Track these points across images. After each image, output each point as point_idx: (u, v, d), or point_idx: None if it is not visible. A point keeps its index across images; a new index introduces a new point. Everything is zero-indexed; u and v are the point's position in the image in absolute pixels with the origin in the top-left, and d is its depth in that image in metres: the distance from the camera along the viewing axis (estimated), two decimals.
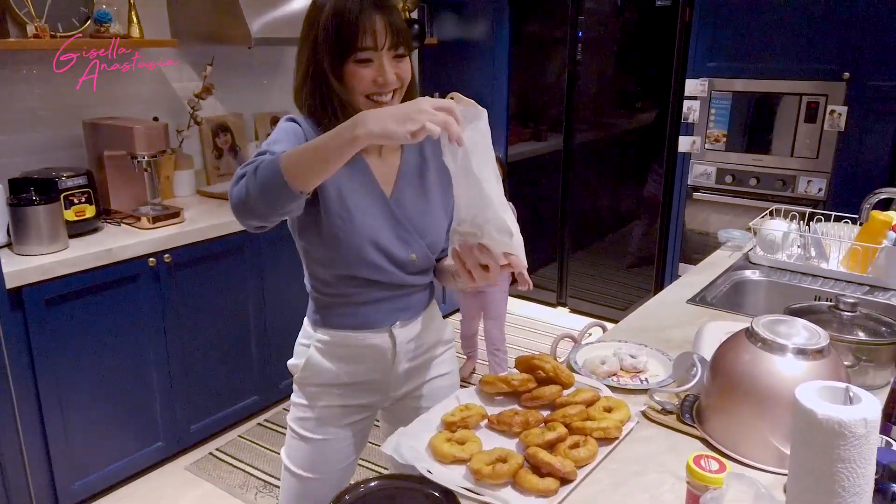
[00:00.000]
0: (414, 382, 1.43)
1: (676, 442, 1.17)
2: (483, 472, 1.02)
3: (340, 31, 1.16)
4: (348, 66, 1.18)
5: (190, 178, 2.95)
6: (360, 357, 1.34)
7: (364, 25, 1.15)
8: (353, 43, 1.15)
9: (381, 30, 1.16)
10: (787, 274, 2.02)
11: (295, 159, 1.02)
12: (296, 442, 1.39)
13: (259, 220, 1.11)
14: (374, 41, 1.16)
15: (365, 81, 1.18)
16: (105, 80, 2.69)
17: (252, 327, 2.77)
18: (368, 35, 1.15)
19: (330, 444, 1.38)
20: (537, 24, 3.86)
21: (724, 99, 3.28)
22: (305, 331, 1.39)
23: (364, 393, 1.38)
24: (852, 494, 0.70)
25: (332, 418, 1.37)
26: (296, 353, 1.40)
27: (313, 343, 1.35)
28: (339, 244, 1.23)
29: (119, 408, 2.36)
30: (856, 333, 1.40)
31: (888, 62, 2.86)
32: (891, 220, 1.93)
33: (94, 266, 2.19)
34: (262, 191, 1.04)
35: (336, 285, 1.29)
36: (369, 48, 1.16)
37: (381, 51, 1.17)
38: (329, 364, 1.34)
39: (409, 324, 1.35)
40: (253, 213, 1.09)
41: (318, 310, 1.34)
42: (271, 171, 1.03)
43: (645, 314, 1.74)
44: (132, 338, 2.35)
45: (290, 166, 1.01)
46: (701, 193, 3.46)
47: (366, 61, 1.17)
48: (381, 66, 1.17)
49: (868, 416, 0.69)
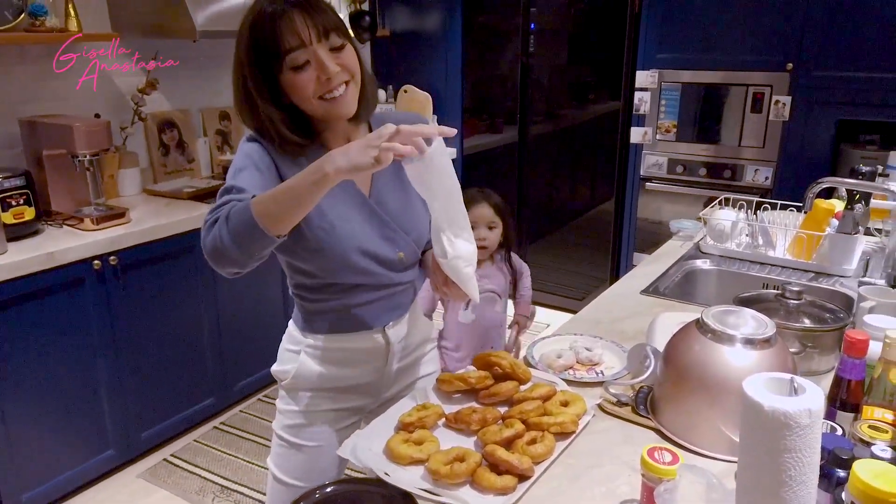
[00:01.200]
0: (403, 383, 1.42)
1: (632, 434, 1.18)
2: (441, 473, 1.02)
3: (263, 46, 1.09)
4: (285, 77, 1.11)
5: (135, 176, 2.86)
6: (355, 360, 1.31)
7: (282, 27, 1.08)
8: (278, 49, 1.08)
9: (302, 23, 1.08)
10: (737, 262, 2.06)
11: (267, 204, 0.99)
12: (285, 450, 1.35)
13: (236, 267, 1.07)
14: (299, 38, 1.08)
15: (309, 85, 1.11)
16: (43, 75, 2.58)
17: (205, 328, 2.71)
18: (290, 34, 1.08)
19: (323, 450, 1.34)
20: (490, 15, 3.86)
21: (673, 90, 3.33)
22: (292, 336, 1.33)
23: (357, 396, 1.35)
24: (798, 483, 0.71)
25: (325, 423, 1.33)
26: (282, 359, 1.35)
27: (304, 348, 1.30)
28: (325, 256, 1.19)
29: (66, 416, 2.28)
30: (802, 321, 1.43)
31: (829, 53, 2.94)
32: (833, 208, 1.99)
33: (36, 271, 2.10)
34: (237, 239, 1.01)
35: (323, 291, 1.25)
36: (296, 47, 1.08)
37: (312, 46, 1.09)
38: (322, 368, 1.30)
39: (399, 322, 1.33)
40: (230, 261, 1.05)
41: (307, 316, 1.30)
42: (245, 219, 0.99)
43: (599, 306, 1.76)
44: (78, 343, 2.27)
45: (263, 212, 0.98)
46: (653, 184, 3.52)
47: (302, 66, 1.10)
48: (318, 61, 1.10)
49: (812, 406, 0.71)
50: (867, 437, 0.95)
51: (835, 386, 1.11)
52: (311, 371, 1.30)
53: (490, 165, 4.11)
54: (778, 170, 3.18)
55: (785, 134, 3.12)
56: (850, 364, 1.08)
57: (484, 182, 4.09)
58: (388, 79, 4.02)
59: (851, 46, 2.89)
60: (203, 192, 2.84)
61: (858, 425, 0.98)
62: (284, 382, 1.33)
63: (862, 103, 2.93)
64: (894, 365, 1.03)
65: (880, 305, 1.38)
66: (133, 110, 2.80)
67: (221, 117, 3.31)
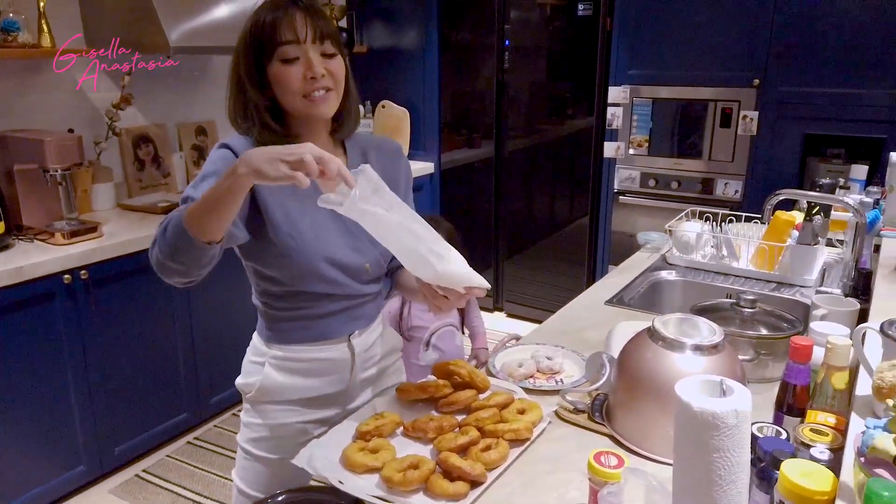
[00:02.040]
0: (370, 393, 1.41)
1: (587, 440, 1.20)
2: (394, 480, 1.03)
3: (260, 34, 1.15)
4: (273, 67, 1.15)
5: (109, 191, 2.86)
6: (320, 370, 1.30)
7: (283, 21, 1.14)
8: (274, 39, 1.14)
9: (302, 22, 1.14)
10: (702, 273, 2.10)
11: (194, 213, 1.00)
12: (250, 463, 1.34)
13: (183, 277, 1.08)
14: (295, 34, 1.14)
15: (294, 80, 1.15)
16: (17, 90, 2.58)
17: (179, 343, 2.70)
18: (288, 29, 1.14)
19: (286, 463, 1.31)
20: (466, 32, 3.91)
21: (644, 105, 3.39)
22: (256, 348, 1.34)
23: (322, 408, 1.34)
24: (728, 482, 0.73)
25: (290, 437, 1.32)
26: (245, 372, 1.35)
27: (268, 360, 1.30)
28: (292, 263, 1.21)
29: (36, 432, 2.26)
30: (758, 329, 1.47)
31: (795, 69, 3.01)
32: (794, 220, 2.04)
33: (4, 285, 2.10)
34: (173, 251, 1.03)
35: (289, 300, 1.26)
36: (291, 41, 1.14)
37: (305, 44, 1.14)
38: (286, 380, 1.29)
39: (364, 332, 1.34)
40: (175, 273, 1.07)
41: (271, 325, 1.30)
42: (177, 230, 1.01)
43: (564, 316, 1.79)
44: (49, 358, 2.26)
45: (191, 221, 1.00)
46: (626, 197, 3.57)
47: (291, 60, 1.14)
48: (307, 60, 1.14)
49: (739, 407, 0.73)
50: (808, 439, 0.98)
51: (781, 391, 1.13)
52: (275, 382, 1.29)
53: (467, 180, 4.15)
54: (747, 183, 3.24)
55: (753, 148, 3.18)
56: (795, 369, 1.11)
57: (462, 196, 4.14)
58: (365, 94, 4.06)
59: (816, 63, 2.96)
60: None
61: (801, 429, 1.00)
62: (249, 395, 1.32)
63: (827, 118, 3.00)
64: (836, 370, 1.06)
65: (832, 313, 1.41)
66: (107, 125, 2.81)
67: (198, 132, 3.33)
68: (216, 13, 2.84)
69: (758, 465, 0.94)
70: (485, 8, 3.77)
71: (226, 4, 2.88)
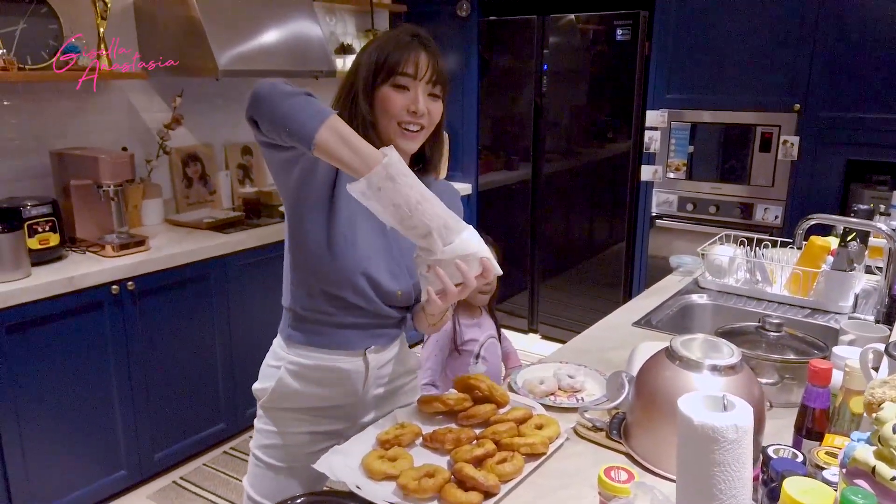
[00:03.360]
0: (381, 410, 1.43)
1: (603, 457, 1.21)
2: (410, 487, 1.06)
3: (384, 58, 1.22)
4: (382, 89, 1.22)
5: (158, 206, 2.99)
6: (333, 381, 1.33)
7: (408, 55, 1.21)
8: (395, 67, 1.21)
9: (424, 62, 1.22)
10: (734, 298, 2.08)
11: (333, 138, 1.03)
12: (261, 471, 1.38)
13: (261, 118, 1.10)
14: (415, 70, 1.21)
15: (397, 106, 1.22)
16: (76, 111, 2.74)
17: (218, 354, 2.79)
18: (411, 63, 1.21)
19: (298, 472, 1.36)
20: (505, 57, 3.98)
21: (682, 129, 3.38)
22: (275, 352, 1.37)
23: (333, 419, 1.37)
24: (729, 497, 0.74)
25: (300, 446, 1.35)
26: (262, 377, 1.38)
27: (284, 365, 1.33)
28: (334, 262, 1.24)
29: (81, 436, 2.37)
30: (786, 353, 1.45)
31: (836, 94, 2.97)
32: (829, 245, 2.01)
33: (56, 294, 2.21)
34: (294, 109, 1.05)
35: (318, 301, 1.29)
36: (409, 75, 1.21)
37: (419, 81, 1.22)
38: (300, 387, 1.33)
39: (382, 350, 1.36)
40: (262, 112, 1.09)
41: (295, 325, 1.33)
42: (311, 118, 1.04)
43: (590, 336, 1.80)
44: (95, 365, 2.37)
45: (326, 135, 1.03)
46: (664, 221, 3.55)
47: (401, 87, 1.22)
48: (415, 95, 1.22)
49: (739, 422, 0.74)
50: (822, 462, 0.97)
51: (801, 415, 1.13)
52: (288, 388, 1.33)
53: (505, 202, 4.18)
54: (787, 208, 3.19)
55: (794, 173, 3.14)
56: (814, 393, 1.11)
57: (499, 218, 4.17)
58: None
59: (858, 88, 2.92)
60: (222, 222, 2.95)
61: (816, 451, 1.00)
62: (262, 400, 1.36)
63: (871, 143, 2.95)
64: (854, 393, 1.06)
65: (860, 339, 1.40)
66: (158, 144, 2.95)
67: (244, 152, 3.45)
68: (263, 39, 2.96)
69: (769, 485, 0.95)
70: (524, 33, 3.83)
71: (273, 31, 3.01)
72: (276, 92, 1.08)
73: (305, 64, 3.12)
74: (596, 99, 3.74)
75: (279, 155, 1.19)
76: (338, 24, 3.90)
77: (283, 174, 1.24)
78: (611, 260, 3.87)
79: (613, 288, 3.85)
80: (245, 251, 2.81)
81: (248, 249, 2.82)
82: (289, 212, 1.28)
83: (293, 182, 1.23)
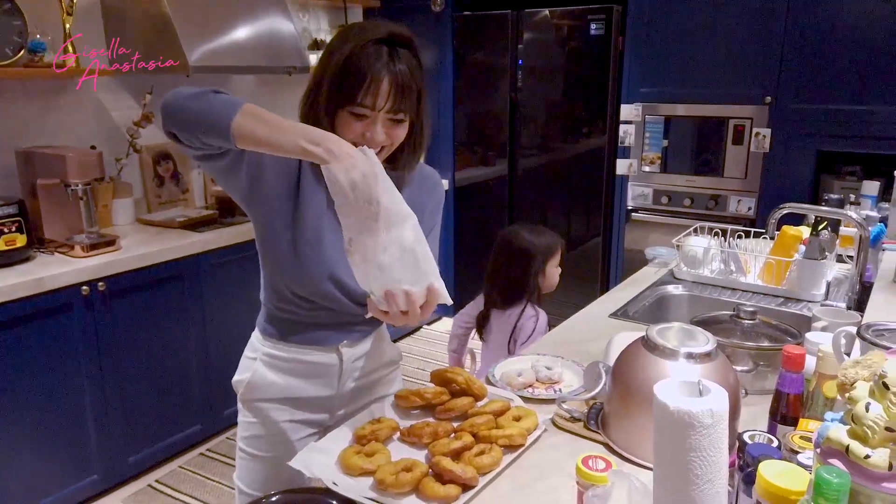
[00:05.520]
0: (360, 402, 1.43)
1: (581, 448, 1.21)
2: (387, 482, 1.05)
3: (344, 82, 1.14)
4: (342, 112, 1.16)
5: (129, 206, 2.94)
6: (307, 372, 1.34)
7: (369, 83, 1.13)
8: (353, 98, 1.14)
9: (385, 92, 1.14)
10: (709, 288, 2.10)
11: (250, 122, 1.01)
12: (248, 463, 1.38)
13: (177, 129, 1.06)
14: (374, 102, 1.14)
15: (354, 133, 1.16)
16: (41, 109, 2.68)
17: (193, 355, 2.75)
18: (370, 94, 1.13)
19: (282, 460, 1.34)
20: (480, 52, 3.97)
21: (657, 123, 3.41)
22: (252, 344, 1.38)
23: (310, 409, 1.38)
24: (705, 482, 0.74)
25: (282, 434, 1.36)
26: (240, 368, 1.39)
27: (260, 356, 1.34)
28: (302, 268, 1.24)
29: (51, 440, 2.31)
30: (760, 341, 1.47)
31: (806, 86, 3.02)
32: (800, 235, 2.03)
33: (24, 295, 2.16)
34: (205, 111, 1.02)
35: (289, 301, 1.29)
36: (366, 107, 1.14)
37: (378, 112, 1.15)
38: (276, 377, 1.33)
39: (356, 345, 1.36)
40: (176, 122, 1.05)
41: (270, 320, 1.34)
42: (225, 106, 1.01)
43: (567, 328, 1.80)
44: (66, 368, 2.31)
45: (242, 121, 1.01)
46: (639, 214, 3.57)
47: (360, 116, 1.16)
48: (373, 126, 1.16)
49: (714, 407, 0.74)
50: (797, 446, 0.98)
51: (775, 400, 1.13)
52: (264, 380, 1.33)
53: (481, 198, 4.18)
54: (760, 200, 3.22)
55: (766, 165, 3.18)
56: (788, 378, 1.11)
57: (476, 214, 4.17)
58: None
59: (828, 80, 2.96)
60: (195, 221, 2.91)
61: (791, 436, 1.01)
62: (241, 392, 1.36)
63: (840, 135, 2.99)
64: (827, 378, 1.07)
65: (832, 325, 1.41)
66: (128, 142, 2.89)
67: None
68: (235, 34, 2.92)
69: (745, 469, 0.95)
70: (499, 28, 3.83)
71: (244, 26, 2.97)
72: (181, 96, 1.05)
73: (278, 60, 3.09)
74: (571, 93, 3.75)
75: (217, 164, 1.15)
76: (311, 20, 3.87)
77: (230, 182, 1.20)
78: (587, 254, 3.88)
79: (590, 282, 3.87)
80: (219, 250, 2.77)
81: (222, 248, 2.78)
82: (250, 217, 1.27)
83: (244, 190, 1.21)
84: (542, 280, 2.19)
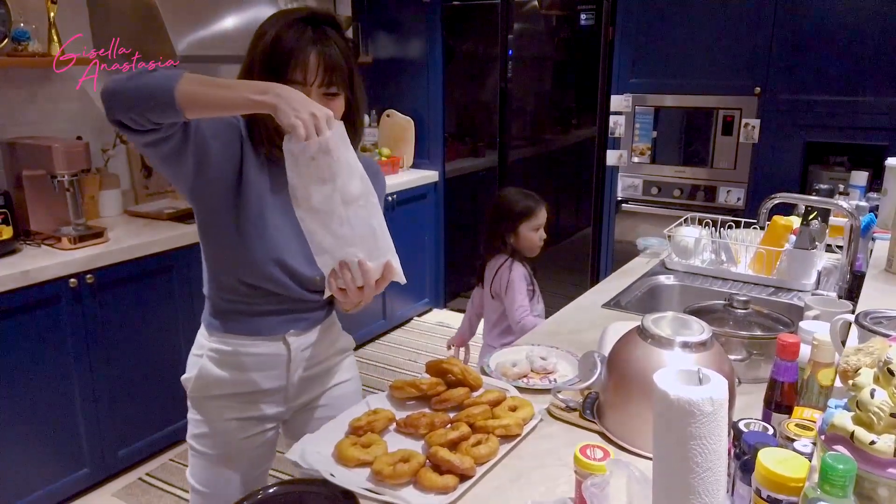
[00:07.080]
0: (313, 392, 1.42)
1: (577, 437, 1.21)
2: (384, 473, 1.05)
3: (272, 61, 1.16)
4: None
5: (116, 197, 2.90)
6: (254, 365, 1.32)
7: (297, 59, 1.15)
8: (283, 75, 1.14)
9: (314, 66, 1.15)
10: (700, 278, 2.11)
11: (193, 86, 1.02)
12: (196, 460, 1.37)
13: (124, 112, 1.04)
14: (304, 76, 1.15)
15: None
16: (26, 99, 2.64)
17: (183, 346, 2.72)
18: (299, 70, 1.15)
19: (232, 459, 1.36)
20: (470, 43, 3.95)
21: (647, 114, 3.41)
22: (198, 341, 1.37)
23: (261, 404, 1.36)
24: (706, 469, 0.75)
25: (230, 432, 1.34)
26: (188, 367, 1.38)
27: (205, 353, 1.33)
28: (246, 251, 1.23)
29: (40, 434, 2.29)
30: (753, 330, 1.48)
31: (795, 77, 3.03)
32: (791, 225, 2.05)
33: (11, 288, 2.13)
34: (143, 89, 1.01)
35: (236, 291, 1.29)
36: (297, 83, 1.15)
37: (311, 87, 1.16)
38: (223, 373, 1.32)
39: (303, 334, 1.35)
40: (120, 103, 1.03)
41: (213, 313, 1.33)
42: (164, 82, 1.01)
43: (560, 318, 1.80)
44: (55, 361, 2.29)
45: (186, 87, 1.01)
46: (629, 205, 3.58)
47: None
48: None
49: (714, 395, 0.75)
50: (793, 434, 0.99)
51: (770, 389, 1.14)
52: (210, 376, 1.32)
53: (471, 189, 4.17)
54: (749, 190, 3.24)
55: (755, 156, 3.19)
56: (782, 367, 1.12)
57: (466, 204, 4.16)
58: (371, 103, 4.10)
59: (817, 71, 2.97)
60: (183, 212, 2.88)
61: (786, 424, 1.01)
62: (189, 390, 1.36)
63: (829, 126, 3.01)
64: (822, 366, 1.07)
65: (824, 314, 1.42)
66: (115, 133, 2.86)
67: None
68: (223, 24, 2.89)
69: (742, 458, 0.96)
70: (488, 19, 3.81)
71: (232, 16, 2.93)
72: (119, 80, 1.04)
73: None
74: (561, 84, 3.75)
75: (164, 149, 1.12)
76: None
77: (176, 168, 1.17)
78: (578, 245, 3.89)
79: (581, 273, 3.88)
80: None
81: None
82: (193, 205, 1.26)
83: (189, 176, 1.18)
84: (514, 239, 2.34)
